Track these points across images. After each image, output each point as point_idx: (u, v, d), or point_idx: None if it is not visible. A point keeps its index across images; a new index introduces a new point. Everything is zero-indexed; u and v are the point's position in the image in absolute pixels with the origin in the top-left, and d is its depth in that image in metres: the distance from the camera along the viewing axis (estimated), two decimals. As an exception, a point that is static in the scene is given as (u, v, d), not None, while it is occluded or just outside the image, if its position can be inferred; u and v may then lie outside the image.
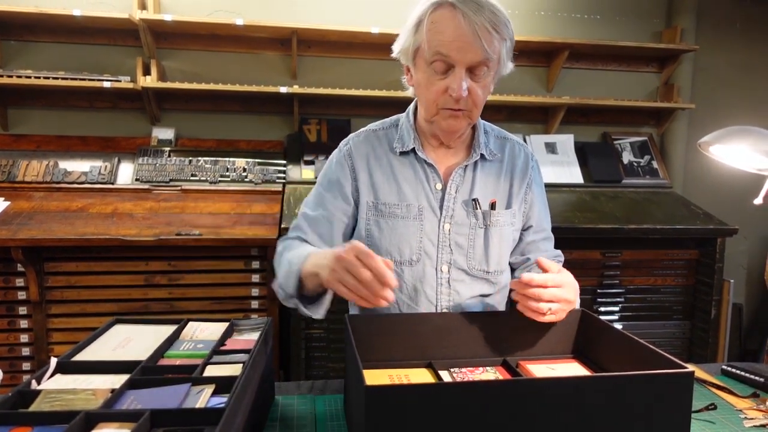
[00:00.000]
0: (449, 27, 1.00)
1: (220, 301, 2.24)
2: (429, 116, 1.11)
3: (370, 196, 1.18)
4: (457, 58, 1.01)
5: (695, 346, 2.59)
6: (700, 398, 1.05)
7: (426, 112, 1.12)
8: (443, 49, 1.00)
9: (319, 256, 0.99)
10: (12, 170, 2.45)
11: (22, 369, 2.17)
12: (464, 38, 0.99)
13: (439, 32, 1.01)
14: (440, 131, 1.13)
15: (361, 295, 0.86)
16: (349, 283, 0.86)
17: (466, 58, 1.00)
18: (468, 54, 1.00)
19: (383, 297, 0.86)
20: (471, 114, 1.08)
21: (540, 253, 1.24)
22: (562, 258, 1.30)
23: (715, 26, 3.19)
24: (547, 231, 1.27)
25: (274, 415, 0.97)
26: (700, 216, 2.58)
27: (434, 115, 1.09)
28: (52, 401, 0.68)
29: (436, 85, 1.04)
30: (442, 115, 1.08)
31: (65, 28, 2.58)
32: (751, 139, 1.20)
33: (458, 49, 1.00)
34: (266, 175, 2.62)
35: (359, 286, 0.85)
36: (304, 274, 1.01)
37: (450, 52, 1.00)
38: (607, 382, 0.75)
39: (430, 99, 1.07)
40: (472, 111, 1.08)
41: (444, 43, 1.00)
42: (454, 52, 1.00)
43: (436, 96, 1.05)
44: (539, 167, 1.29)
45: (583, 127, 3.14)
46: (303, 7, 2.77)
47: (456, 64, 1.01)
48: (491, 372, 0.98)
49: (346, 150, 1.22)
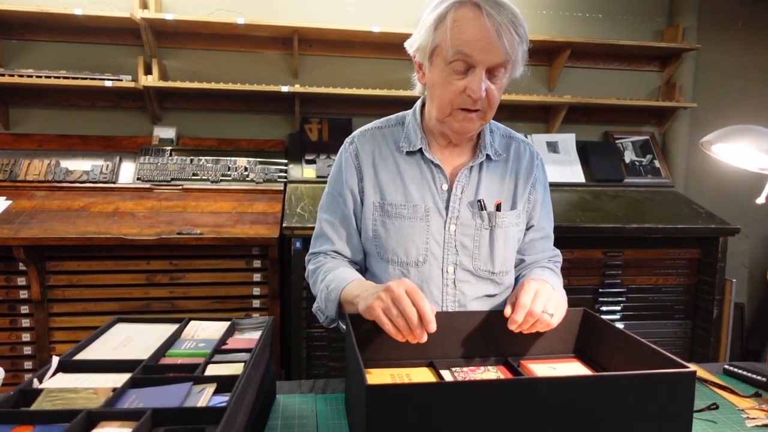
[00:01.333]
0: (473, 27, 0.98)
1: (222, 300, 2.24)
2: (442, 116, 1.09)
3: (376, 196, 1.17)
4: (479, 59, 1.00)
5: (697, 346, 2.59)
6: (701, 398, 1.05)
7: (439, 112, 1.10)
8: (466, 48, 0.99)
9: (359, 286, 1.03)
10: (14, 169, 2.45)
11: (23, 368, 2.17)
12: (488, 39, 0.98)
13: (461, 31, 0.99)
14: (452, 132, 1.12)
15: (399, 328, 0.89)
16: (392, 314, 0.89)
17: (488, 59, 1.00)
18: (490, 55, 0.99)
19: (419, 338, 0.89)
20: (485, 115, 1.08)
21: (537, 253, 1.25)
22: (560, 258, 1.30)
23: (717, 25, 3.18)
24: (547, 230, 1.27)
25: (275, 414, 0.97)
26: (701, 215, 2.58)
27: (448, 115, 1.08)
28: (53, 400, 0.68)
29: (454, 85, 1.03)
30: (456, 116, 1.07)
31: (67, 27, 2.58)
32: (753, 138, 1.20)
33: (481, 49, 0.99)
34: (267, 174, 2.62)
35: (401, 321, 0.88)
36: (343, 301, 1.05)
37: (473, 52, 0.99)
38: (609, 382, 0.75)
39: (446, 98, 1.06)
40: (487, 112, 1.07)
41: (467, 43, 0.99)
42: (477, 53, 0.99)
43: (453, 96, 1.04)
44: (544, 166, 1.28)
45: (585, 126, 3.14)
46: (304, 7, 2.77)
47: (477, 65, 1.00)
48: (493, 371, 0.98)
49: (352, 149, 1.21)
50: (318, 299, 1.15)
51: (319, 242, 1.23)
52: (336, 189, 1.22)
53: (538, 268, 1.21)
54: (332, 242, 1.20)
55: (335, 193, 1.22)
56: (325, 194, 1.25)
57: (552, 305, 0.98)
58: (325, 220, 1.22)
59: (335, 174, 1.24)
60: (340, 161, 1.23)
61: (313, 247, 1.24)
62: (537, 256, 1.25)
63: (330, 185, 1.24)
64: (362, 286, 1.02)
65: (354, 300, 0.99)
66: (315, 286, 1.18)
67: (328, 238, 1.21)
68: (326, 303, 1.10)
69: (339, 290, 1.06)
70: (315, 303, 1.17)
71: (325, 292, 1.10)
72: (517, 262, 1.24)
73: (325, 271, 1.15)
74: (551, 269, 1.23)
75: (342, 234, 1.20)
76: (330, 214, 1.22)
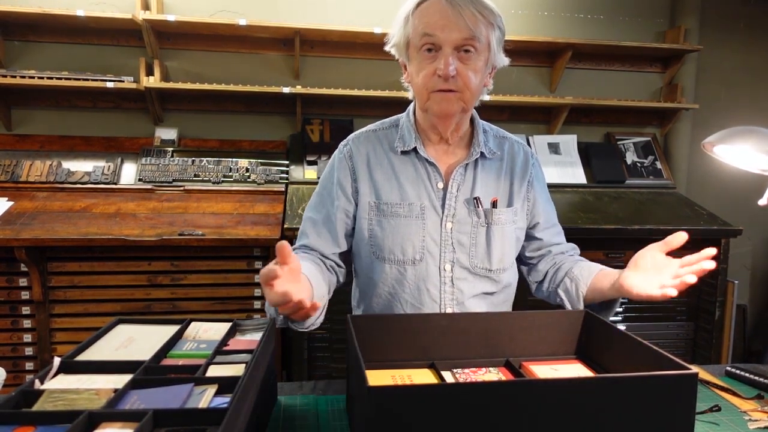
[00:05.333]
0: (435, 12, 1.04)
1: (223, 301, 2.24)
2: (422, 103, 1.12)
3: (371, 196, 1.18)
4: (442, 37, 1.04)
5: (699, 348, 2.58)
6: (704, 400, 1.04)
7: (419, 100, 1.13)
8: (428, 29, 1.04)
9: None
10: (15, 170, 2.46)
11: (25, 369, 2.18)
12: (448, 17, 1.03)
13: (424, 16, 1.05)
14: (434, 117, 1.13)
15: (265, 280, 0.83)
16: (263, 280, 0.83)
17: (451, 36, 1.03)
18: (453, 33, 1.03)
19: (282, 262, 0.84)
20: (463, 96, 1.08)
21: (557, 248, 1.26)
22: (578, 249, 1.31)
23: (719, 26, 3.18)
24: (558, 226, 1.29)
25: (276, 415, 0.97)
26: (703, 217, 2.57)
27: (426, 100, 1.10)
28: (55, 401, 0.68)
29: (425, 69, 1.07)
30: (434, 98, 1.09)
31: (68, 28, 2.59)
32: (755, 140, 1.19)
33: (442, 27, 1.03)
34: (269, 176, 2.62)
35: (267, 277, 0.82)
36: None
37: (435, 31, 1.04)
38: (611, 384, 0.75)
39: (421, 84, 1.09)
40: (464, 93, 1.08)
41: (429, 24, 1.04)
42: (439, 31, 1.03)
43: (426, 80, 1.07)
44: (540, 164, 1.29)
45: (587, 128, 3.13)
46: (305, 8, 2.78)
47: (442, 44, 1.04)
48: (494, 372, 0.98)
49: (347, 151, 1.22)
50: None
51: (299, 240, 1.23)
52: (326, 188, 1.23)
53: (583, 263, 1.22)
54: (308, 237, 1.20)
55: (324, 192, 1.23)
56: (314, 194, 1.26)
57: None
58: (308, 218, 1.23)
59: (326, 174, 1.25)
60: (333, 162, 1.25)
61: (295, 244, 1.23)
62: (561, 247, 1.27)
63: (320, 185, 1.26)
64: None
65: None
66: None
67: (306, 234, 1.21)
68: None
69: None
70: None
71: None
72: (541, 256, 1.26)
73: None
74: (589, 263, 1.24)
75: (321, 232, 1.20)
76: (314, 212, 1.23)
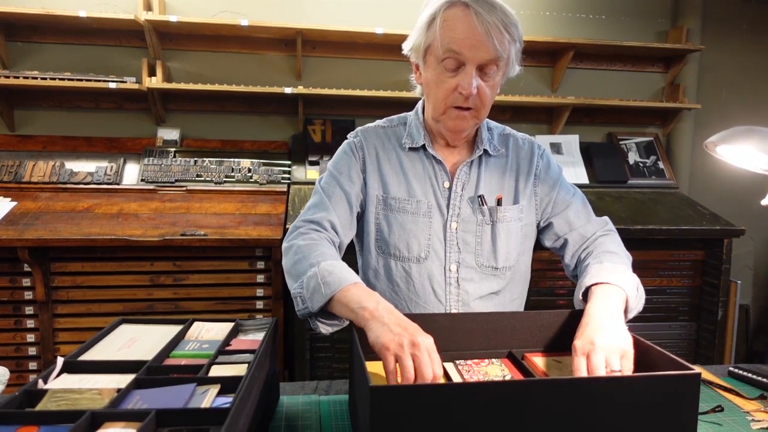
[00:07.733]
0: (462, 25, 1.01)
1: (225, 301, 2.24)
2: (437, 114, 1.11)
3: (379, 189, 1.17)
4: (468, 56, 1.01)
5: (701, 348, 2.58)
6: (706, 400, 1.04)
7: (434, 111, 1.12)
8: (455, 46, 1.01)
9: (365, 295, 0.91)
10: (18, 171, 2.46)
11: (28, 368, 2.18)
12: (476, 36, 1.00)
13: (451, 29, 1.01)
14: (446, 130, 1.13)
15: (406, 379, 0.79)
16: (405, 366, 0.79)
17: (477, 56, 1.01)
18: (479, 52, 1.01)
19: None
20: (478, 114, 1.09)
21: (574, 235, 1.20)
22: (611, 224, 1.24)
23: (721, 26, 3.17)
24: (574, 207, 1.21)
25: (278, 415, 0.97)
26: (706, 217, 2.57)
27: (442, 113, 1.09)
28: (58, 401, 0.68)
29: (446, 83, 1.05)
30: (450, 114, 1.08)
31: (71, 29, 2.59)
32: (757, 140, 1.19)
33: (470, 47, 1.01)
34: (271, 176, 2.63)
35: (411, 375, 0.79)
36: (337, 300, 0.92)
37: (462, 49, 1.01)
38: (614, 384, 0.75)
39: (440, 97, 1.07)
40: (480, 111, 1.08)
41: (456, 41, 1.01)
42: (466, 50, 1.01)
43: (445, 94, 1.06)
44: (548, 154, 1.26)
45: (589, 128, 3.13)
46: (307, 8, 2.78)
47: (467, 62, 1.02)
48: (497, 364, 0.97)
49: (357, 141, 1.21)
50: (301, 284, 0.99)
51: (313, 210, 1.14)
52: (339, 170, 1.18)
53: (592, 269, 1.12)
54: (328, 212, 1.13)
55: (336, 173, 1.18)
56: (327, 174, 1.20)
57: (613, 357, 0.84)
58: (324, 191, 1.16)
59: (339, 157, 1.20)
60: (344, 149, 1.21)
61: (305, 215, 1.14)
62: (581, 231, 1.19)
63: (333, 166, 1.20)
64: (370, 297, 0.90)
65: (357, 310, 0.88)
66: (299, 265, 1.02)
67: (325, 207, 1.13)
68: (313, 293, 0.95)
69: (336, 288, 0.93)
70: (296, 286, 1.01)
71: (314, 280, 0.96)
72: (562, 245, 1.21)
73: (319, 254, 1.01)
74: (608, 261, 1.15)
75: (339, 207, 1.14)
76: (330, 187, 1.16)
